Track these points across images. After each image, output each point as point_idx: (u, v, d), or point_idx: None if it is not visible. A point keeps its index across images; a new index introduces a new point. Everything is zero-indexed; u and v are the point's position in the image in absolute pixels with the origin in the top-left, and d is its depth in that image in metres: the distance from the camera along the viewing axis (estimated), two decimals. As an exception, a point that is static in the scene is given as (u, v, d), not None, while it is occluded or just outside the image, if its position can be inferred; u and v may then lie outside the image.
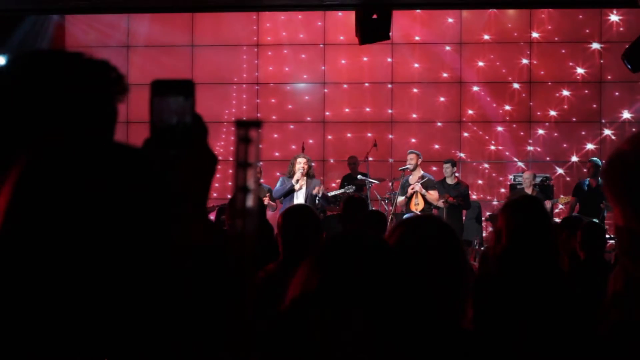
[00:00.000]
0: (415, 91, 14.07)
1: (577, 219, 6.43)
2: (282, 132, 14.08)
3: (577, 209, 11.59)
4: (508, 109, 13.95)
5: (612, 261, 5.39)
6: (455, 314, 1.98)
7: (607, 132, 13.77)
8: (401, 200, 10.56)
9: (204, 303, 1.30)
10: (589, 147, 13.77)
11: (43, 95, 1.29)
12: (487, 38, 13.91)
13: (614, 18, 13.69)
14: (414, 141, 13.90)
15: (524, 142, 13.93)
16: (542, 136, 13.89)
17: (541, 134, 13.89)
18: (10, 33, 11.62)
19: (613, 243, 10.86)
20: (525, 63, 13.93)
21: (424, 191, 10.39)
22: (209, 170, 1.33)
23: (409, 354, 1.92)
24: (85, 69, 1.35)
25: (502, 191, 13.80)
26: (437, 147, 13.92)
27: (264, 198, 10.04)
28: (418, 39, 14.00)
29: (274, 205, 10.31)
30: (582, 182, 11.90)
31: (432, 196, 10.47)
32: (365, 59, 14.05)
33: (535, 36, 13.89)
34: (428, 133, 14.02)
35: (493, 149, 13.97)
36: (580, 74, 13.78)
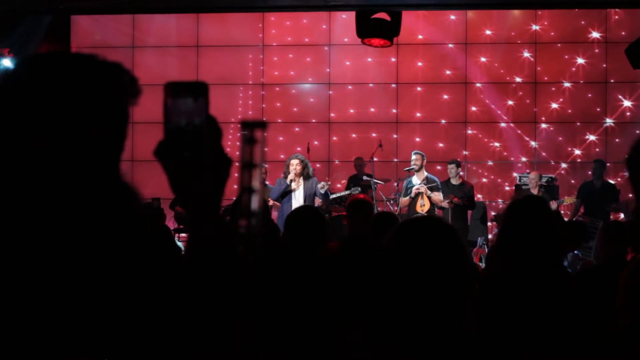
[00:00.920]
0: (419, 90, 14.05)
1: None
2: (288, 135, 14.07)
3: (581, 210, 11.57)
4: (511, 104, 13.93)
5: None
6: (457, 315, 1.98)
7: (608, 122, 13.79)
8: (404, 201, 10.54)
9: (213, 303, 1.30)
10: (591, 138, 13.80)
11: (56, 97, 1.28)
12: (491, 37, 13.90)
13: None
14: (418, 140, 13.90)
15: (529, 141, 13.91)
16: (546, 134, 13.88)
17: (545, 132, 13.88)
18: (12, 30, 11.58)
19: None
20: (529, 61, 13.91)
21: (429, 192, 10.38)
22: (223, 172, 1.33)
23: (410, 354, 1.93)
24: (99, 71, 1.35)
25: (506, 189, 13.78)
26: (442, 147, 13.90)
27: (270, 199, 10.03)
28: (421, 37, 13.98)
29: (279, 206, 10.30)
30: (587, 182, 11.88)
31: (436, 197, 10.46)
32: (369, 59, 14.03)
33: (539, 33, 13.87)
34: (433, 132, 14.00)
35: (498, 149, 13.95)
36: (581, 68, 13.77)
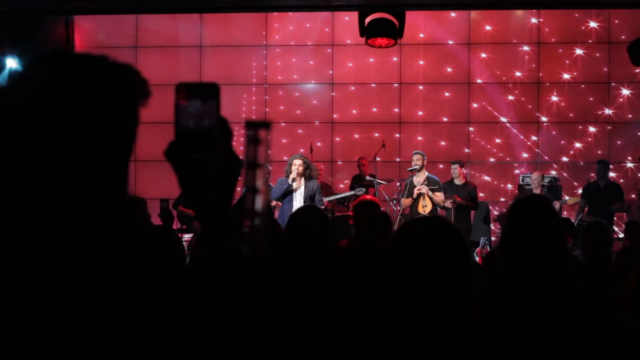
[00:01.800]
0: (421, 88, 14.06)
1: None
2: (291, 137, 14.08)
3: (585, 210, 11.57)
4: (513, 102, 13.93)
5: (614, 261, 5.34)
6: (461, 314, 1.98)
7: (608, 112, 13.80)
8: (406, 202, 10.52)
9: (219, 304, 1.30)
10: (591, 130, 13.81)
11: (67, 99, 1.28)
12: (493, 34, 13.90)
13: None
14: (420, 139, 13.91)
15: (530, 140, 13.92)
16: (547, 131, 13.90)
17: (546, 128, 13.89)
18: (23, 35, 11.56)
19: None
20: (529, 57, 13.92)
21: (430, 193, 10.36)
22: (234, 173, 1.33)
23: (414, 353, 1.93)
24: (109, 72, 1.34)
25: (509, 187, 13.78)
26: (444, 146, 13.90)
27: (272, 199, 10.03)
28: (422, 36, 13.98)
29: (280, 205, 10.29)
30: (591, 183, 11.88)
31: (438, 198, 10.43)
32: (371, 60, 14.03)
33: (541, 32, 13.88)
34: (435, 131, 14.01)
35: (500, 147, 13.95)
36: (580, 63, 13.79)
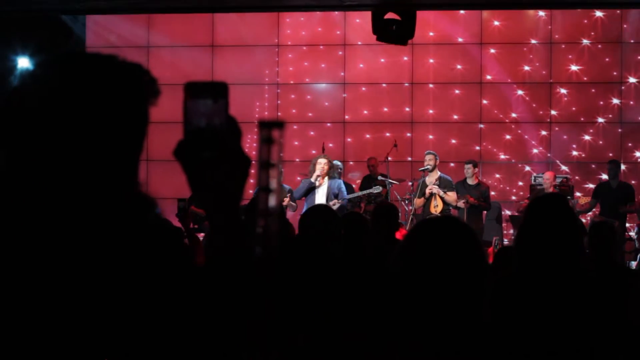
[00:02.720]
0: (431, 87, 14.04)
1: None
2: (303, 138, 14.10)
3: (597, 210, 11.54)
4: (524, 97, 13.90)
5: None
6: (475, 313, 1.97)
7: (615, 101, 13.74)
8: (418, 202, 10.51)
9: (229, 303, 1.30)
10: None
11: (78, 98, 1.28)
12: (502, 32, 13.87)
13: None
14: (431, 137, 13.90)
15: (541, 138, 13.89)
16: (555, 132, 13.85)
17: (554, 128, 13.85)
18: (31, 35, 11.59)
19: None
20: (540, 54, 13.88)
21: (441, 193, 10.33)
22: (243, 173, 1.32)
23: (428, 352, 1.92)
24: (119, 71, 1.34)
25: (519, 184, 13.74)
26: (455, 144, 13.88)
27: (285, 199, 10.06)
28: (432, 34, 13.94)
29: (295, 205, 10.31)
30: (603, 183, 11.84)
31: (451, 197, 10.39)
32: (382, 60, 14.02)
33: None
34: (446, 130, 13.99)
35: (511, 145, 13.91)
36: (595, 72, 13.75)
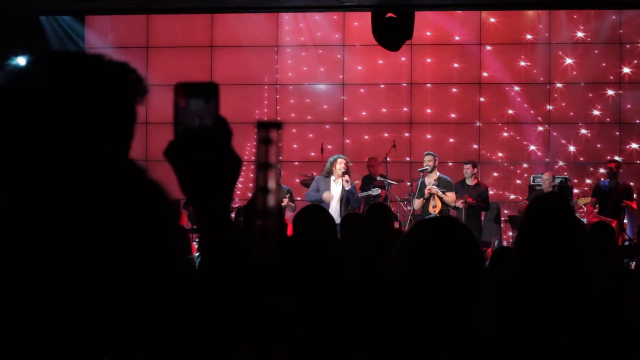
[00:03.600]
0: (429, 86, 14.05)
1: None
2: (301, 141, 14.12)
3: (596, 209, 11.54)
4: (521, 95, 13.91)
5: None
6: (473, 314, 1.97)
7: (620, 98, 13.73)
8: (418, 202, 10.50)
9: (224, 304, 1.30)
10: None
11: (63, 97, 1.28)
12: (499, 29, 13.88)
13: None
14: (429, 137, 13.91)
15: (539, 136, 13.90)
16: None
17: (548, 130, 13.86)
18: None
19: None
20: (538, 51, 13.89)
21: (440, 193, 10.32)
22: (233, 173, 1.33)
23: (426, 353, 1.92)
24: (105, 71, 1.34)
25: (517, 182, 13.75)
26: (453, 143, 13.88)
27: (284, 199, 10.07)
28: (429, 34, 13.94)
29: (293, 206, 10.32)
30: (602, 182, 11.83)
31: (449, 198, 10.39)
32: (380, 61, 14.03)
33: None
34: (444, 129, 14.00)
35: (509, 143, 13.92)
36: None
